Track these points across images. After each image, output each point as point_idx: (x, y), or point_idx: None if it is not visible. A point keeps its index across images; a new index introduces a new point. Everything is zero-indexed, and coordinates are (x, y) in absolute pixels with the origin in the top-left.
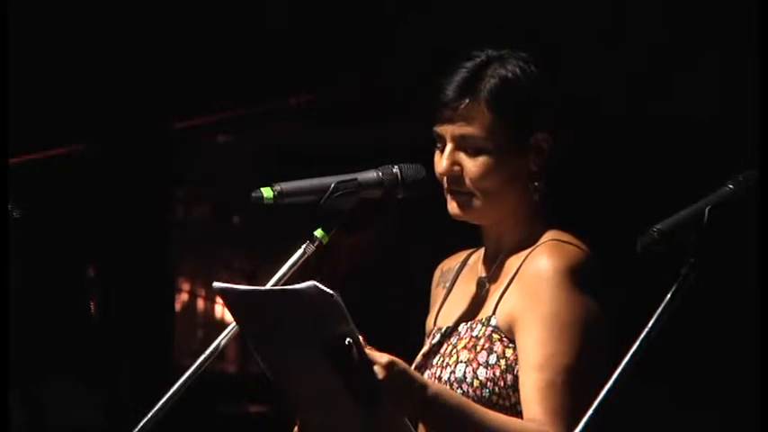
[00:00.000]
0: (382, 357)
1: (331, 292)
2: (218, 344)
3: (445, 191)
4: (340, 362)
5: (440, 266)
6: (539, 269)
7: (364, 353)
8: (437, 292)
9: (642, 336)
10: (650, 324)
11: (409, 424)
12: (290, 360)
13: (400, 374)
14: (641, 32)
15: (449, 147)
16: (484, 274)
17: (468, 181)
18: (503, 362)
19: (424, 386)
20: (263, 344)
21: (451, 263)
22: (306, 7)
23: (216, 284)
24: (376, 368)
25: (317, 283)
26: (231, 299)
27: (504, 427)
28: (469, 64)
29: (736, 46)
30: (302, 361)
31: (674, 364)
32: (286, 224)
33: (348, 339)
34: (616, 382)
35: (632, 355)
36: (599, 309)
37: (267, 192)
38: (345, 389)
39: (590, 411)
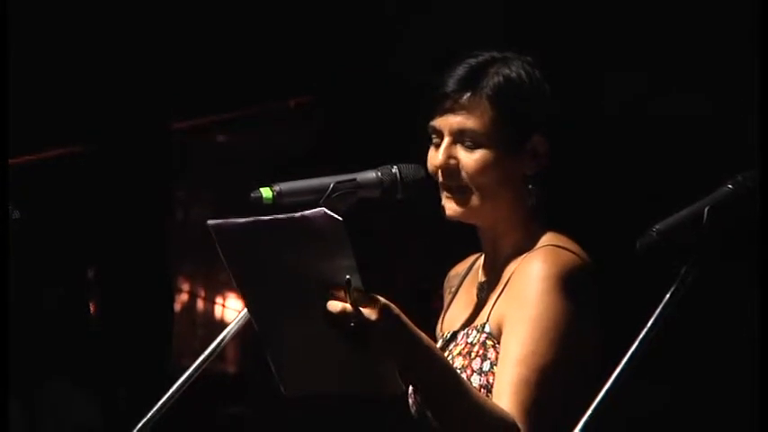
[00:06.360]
0: (378, 300)
1: (339, 218)
2: (218, 344)
3: (440, 187)
4: (334, 298)
5: (449, 273)
6: (529, 273)
7: (360, 290)
8: (446, 299)
9: (641, 336)
10: (649, 324)
11: (397, 374)
12: (279, 297)
13: (393, 319)
14: (640, 32)
15: (446, 140)
16: (483, 280)
17: (464, 175)
18: (496, 369)
19: (416, 338)
20: (251, 282)
21: (459, 268)
22: (305, 9)
23: (210, 222)
24: (368, 309)
25: (326, 209)
26: (225, 236)
27: (483, 405)
28: (472, 60)
29: (735, 46)
30: (292, 297)
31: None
32: None
33: (347, 276)
34: (615, 382)
35: (631, 356)
36: (586, 316)
37: (266, 192)
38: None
39: (588, 412)
